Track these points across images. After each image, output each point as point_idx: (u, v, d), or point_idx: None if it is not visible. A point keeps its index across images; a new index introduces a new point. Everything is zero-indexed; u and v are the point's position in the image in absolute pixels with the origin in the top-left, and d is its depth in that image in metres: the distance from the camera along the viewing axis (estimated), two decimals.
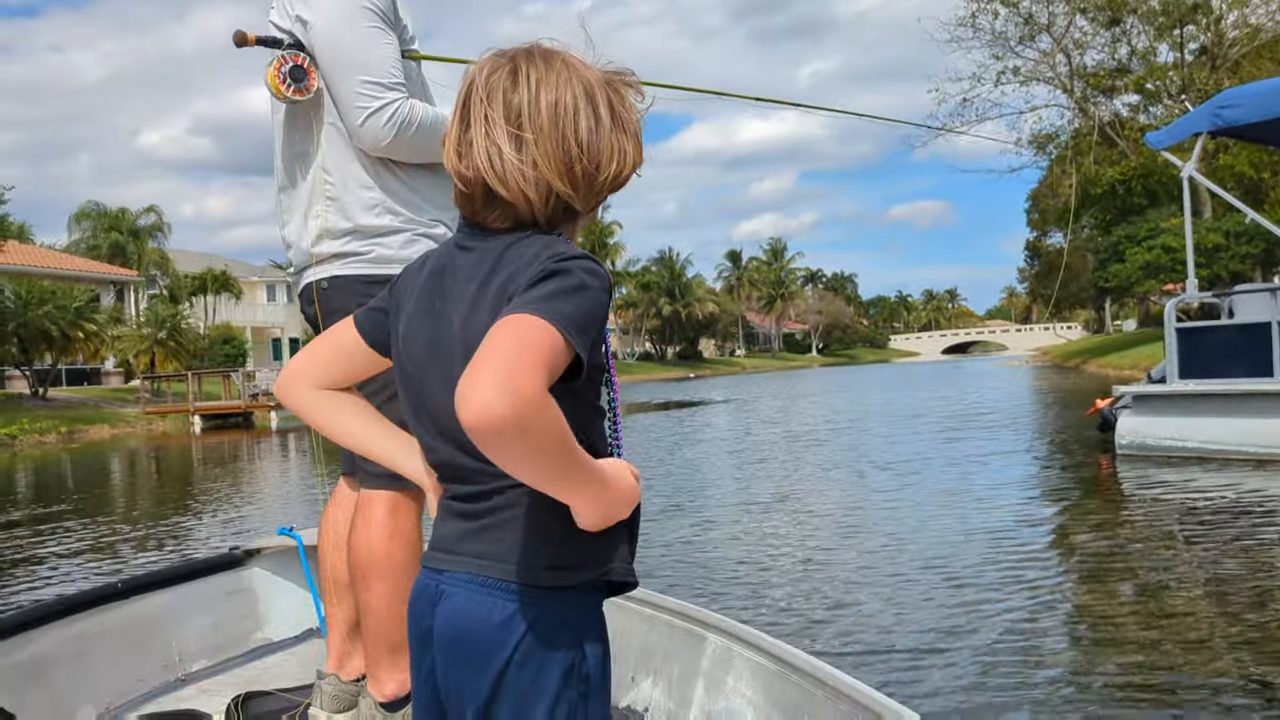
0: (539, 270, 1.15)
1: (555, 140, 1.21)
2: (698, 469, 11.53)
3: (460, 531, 1.26)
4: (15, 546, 8.57)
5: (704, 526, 7.39)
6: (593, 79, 1.26)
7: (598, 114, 1.24)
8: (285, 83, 2.38)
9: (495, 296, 1.20)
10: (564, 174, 1.22)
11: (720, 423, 20.59)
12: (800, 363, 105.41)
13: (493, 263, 1.23)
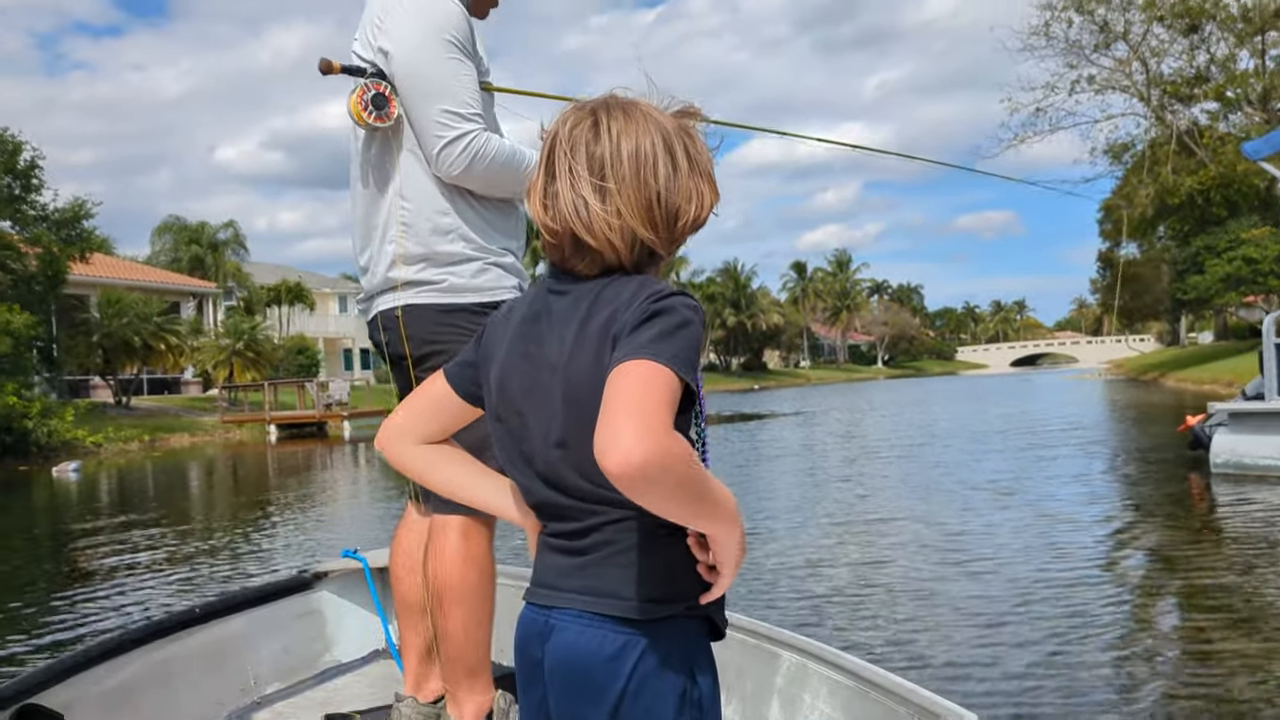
0: (642, 311, 1.20)
1: (637, 188, 1.26)
2: (776, 487, 11.45)
3: (564, 567, 1.30)
4: (98, 556, 8.82)
5: (794, 551, 7.24)
6: (669, 126, 1.31)
7: (675, 160, 1.29)
8: (367, 109, 2.44)
9: (597, 337, 1.24)
10: (646, 220, 1.27)
11: (792, 437, 20.45)
12: (866, 374, 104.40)
13: (589, 304, 1.27)
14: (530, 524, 1.37)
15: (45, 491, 16.90)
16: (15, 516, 14.00)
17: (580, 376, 1.24)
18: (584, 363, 1.24)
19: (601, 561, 1.27)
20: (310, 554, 8.47)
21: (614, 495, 1.17)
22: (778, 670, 2.55)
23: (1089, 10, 38.21)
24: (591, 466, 1.16)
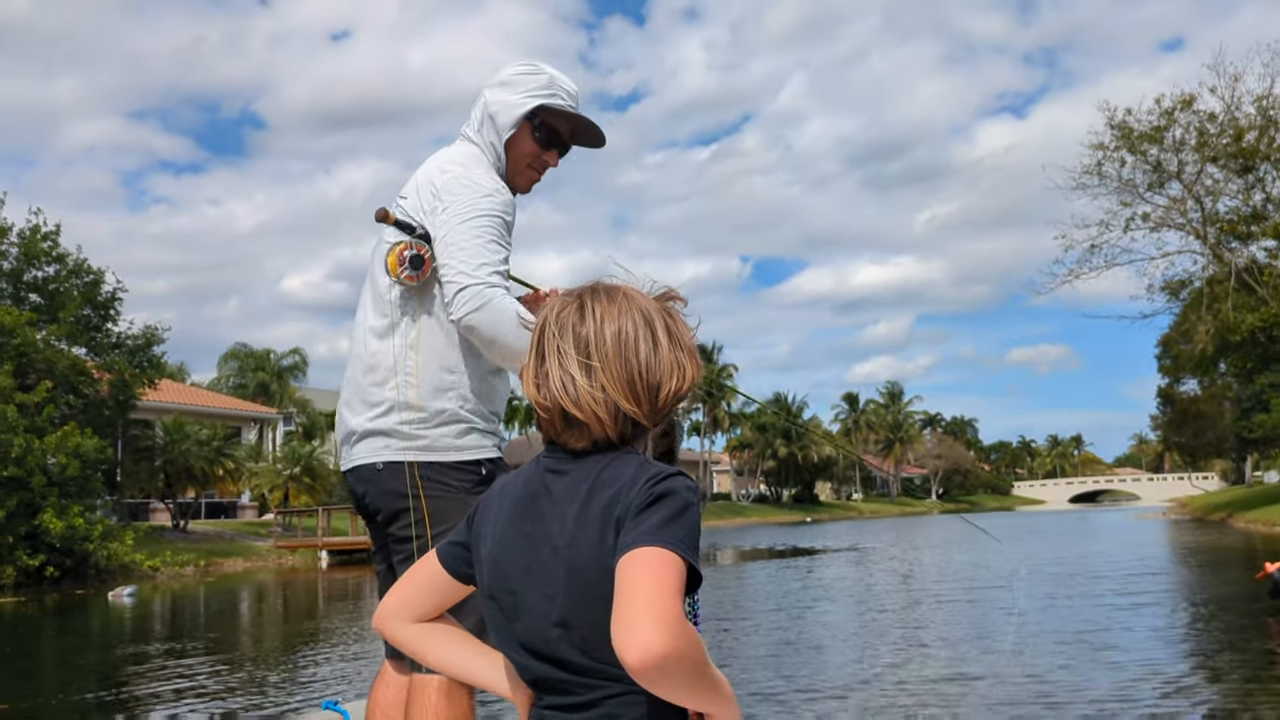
0: (646, 495, 1.26)
1: (619, 365, 1.34)
2: (831, 635, 11.19)
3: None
4: (136, 687, 8.80)
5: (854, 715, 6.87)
6: (650, 307, 1.39)
7: (655, 338, 1.36)
8: (403, 265, 2.59)
9: (600, 518, 1.29)
10: (628, 394, 1.33)
11: (851, 575, 20.02)
12: (920, 508, 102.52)
13: (590, 485, 1.33)
14: (522, 699, 1.40)
15: (100, 616, 16.98)
16: (69, 641, 14.05)
17: (583, 558, 1.29)
18: (587, 544, 1.29)
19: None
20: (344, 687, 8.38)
21: (618, 671, 1.21)
22: None
23: (1141, 151, 38.59)
24: (596, 644, 1.26)
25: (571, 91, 2.82)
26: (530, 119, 2.76)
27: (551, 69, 2.83)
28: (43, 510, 22.81)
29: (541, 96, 2.76)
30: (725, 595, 16.14)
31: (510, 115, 2.74)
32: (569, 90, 2.81)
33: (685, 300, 1.46)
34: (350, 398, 2.75)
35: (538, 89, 2.76)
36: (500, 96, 2.77)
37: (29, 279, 29.90)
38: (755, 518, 74.12)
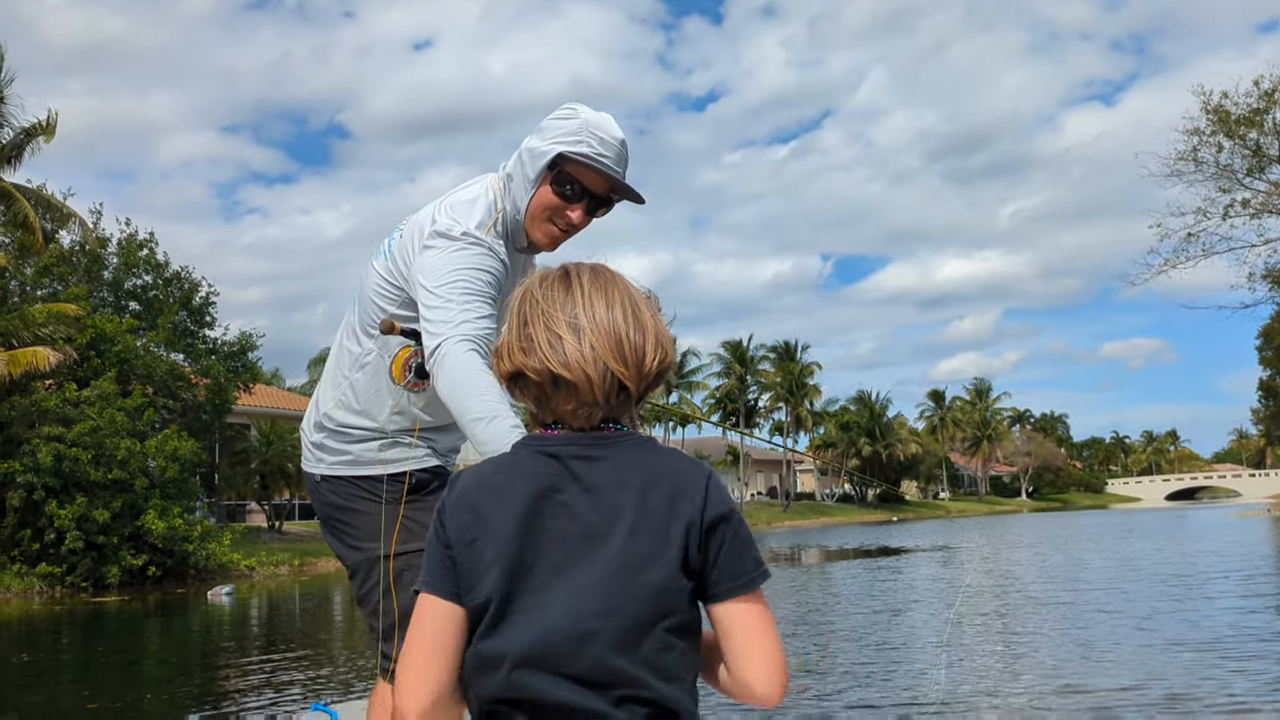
0: (721, 514, 1.33)
1: (608, 326, 1.35)
2: (918, 637, 11.02)
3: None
4: (228, 682, 9.01)
5: None
6: (631, 287, 1.42)
7: (640, 309, 1.39)
8: (407, 371, 2.64)
9: (665, 513, 1.32)
10: (616, 355, 1.33)
11: (944, 577, 19.72)
12: (1009, 507, 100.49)
13: (642, 475, 1.35)
14: None
15: (200, 614, 17.47)
16: (168, 640, 14.49)
17: (644, 550, 1.30)
18: (651, 537, 1.31)
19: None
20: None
21: (640, 674, 1.28)
22: None
23: (1239, 135, 37.28)
24: (636, 637, 1.28)
25: (609, 140, 2.51)
26: (551, 168, 2.52)
27: (590, 113, 2.54)
28: (145, 512, 23.59)
29: (566, 144, 2.49)
30: (813, 598, 16.00)
31: (535, 165, 2.53)
32: (604, 138, 2.50)
33: (658, 303, 1.49)
34: (310, 406, 2.91)
35: (563, 135, 2.51)
36: (532, 143, 2.57)
37: (129, 287, 31.00)
38: (840, 517, 73.42)
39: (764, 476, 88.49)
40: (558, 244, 2.66)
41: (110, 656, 12.29)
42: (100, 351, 26.24)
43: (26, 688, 10.22)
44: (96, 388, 24.37)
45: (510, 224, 2.61)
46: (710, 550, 1.32)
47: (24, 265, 27.25)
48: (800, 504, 79.14)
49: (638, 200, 2.65)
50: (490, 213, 2.57)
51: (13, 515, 22.89)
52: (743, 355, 77.30)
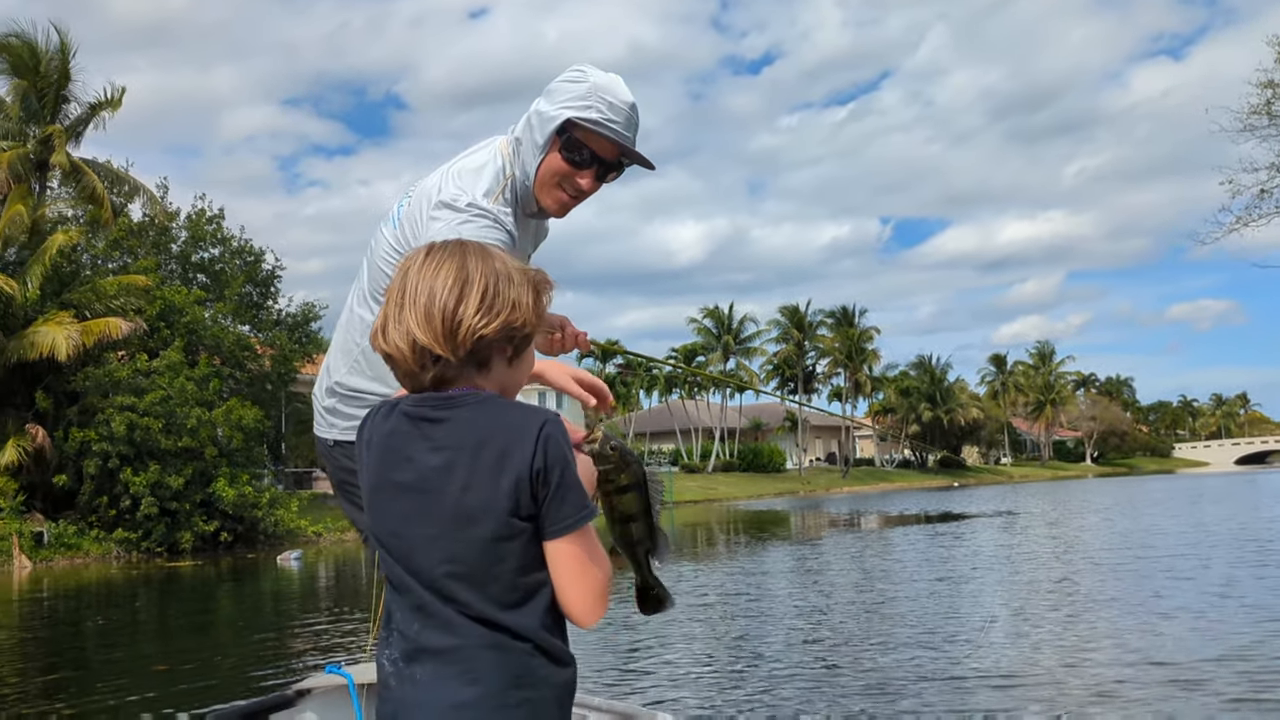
0: (545, 463, 1.44)
1: (426, 298, 1.47)
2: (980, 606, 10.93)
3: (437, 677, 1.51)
4: (293, 646, 9.22)
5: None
6: (486, 269, 1.51)
7: (467, 281, 1.48)
8: None
9: (494, 468, 1.45)
10: (426, 325, 1.46)
11: (1008, 542, 19.52)
12: (1073, 472, 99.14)
13: (476, 435, 1.47)
14: None
15: (270, 578, 17.90)
16: (243, 602, 14.88)
17: (476, 502, 1.45)
18: (481, 490, 1.45)
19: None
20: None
21: (494, 613, 1.44)
22: None
23: None
24: (481, 581, 1.45)
25: (618, 104, 2.48)
26: (560, 133, 2.49)
27: (600, 76, 2.50)
28: (215, 479, 24.18)
29: (574, 109, 2.46)
30: (873, 564, 15.97)
31: (543, 130, 2.50)
32: (613, 103, 2.47)
33: (553, 284, 1.62)
34: (321, 373, 2.89)
35: (571, 100, 2.47)
36: (541, 107, 2.53)
37: (196, 260, 31.60)
38: (900, 483, 72.96)
39: (823, 442, 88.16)
40: (567, 210, 2.63)
41: (183, 619, 12.66)
42: (170, 323, 26.82)
43: (108, 646, 10.59)
44: (165, 358, 24.95)
45: (520, 189, 2.57)
46: (539, 497, 1.44)
47: (95, 239, 27.86)
48: (859, 470, 78.76)
49: (648, 166, 2.60)
50: (498, 180, 2.52)
51: (90, 483, 23.59)
52: (800, 321, 76.82)
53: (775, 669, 7.31)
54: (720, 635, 8.97)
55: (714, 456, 68.99)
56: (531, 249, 2.84)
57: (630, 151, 2.53)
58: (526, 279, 1.55)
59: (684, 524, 31.76)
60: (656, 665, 7.63)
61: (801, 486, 65.47)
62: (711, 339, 72.14)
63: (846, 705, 6.12)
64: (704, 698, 6.49)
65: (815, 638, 8.62)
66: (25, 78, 30.34)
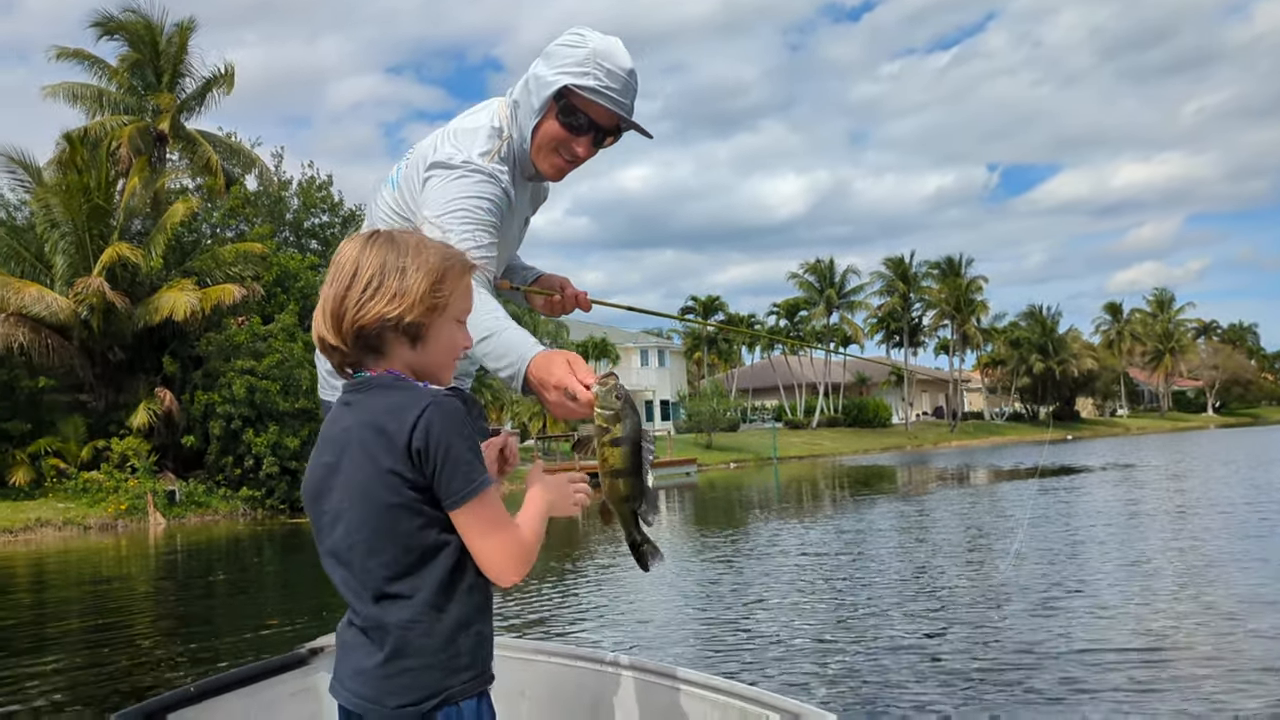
0: (439, 456, 1.53)
1: (325, 293, 1.62)
2: (1123, 579, 10.68)
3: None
4: None
5: None
6: (398, 263, 1.60)
7: (354, 282, 1.59)
8: None
9: (384, 448, 1.55)
10: (323, 317, 1.62)
11: (1128, 498, 19.02)
12: (1194, 423, 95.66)
13: (370, 417, 1.58)
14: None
15: None
16: None
17: (367, 480, 1.57)
18: (371, 468, 1.56)
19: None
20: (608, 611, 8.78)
21: (389, 586, 1.56)
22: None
23: None
24: (379, 549, 1.56)
25: (616, 71, 2.42)
26: (557, 99, 2.44)
27: (599, 41, 2.44)
28: None
29: (572, 74, 2.41)
30: (984, 522, 15.77)
31: (540, 94, 2.45)
32: (611, 70, 2.42)
33: (474, 268, 1.74)
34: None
35: (569, 65, 2.42)
36: (539, 70, 2.48)
37: (308, 226, 32.54)
38: (1011, 436, 71.46)
39: (929, 396, 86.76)
40: (563, 175, 2.60)
41: (300, 572, 13.18)
42: (285, 287, 27.72)
43: (236, 595, 11.12)
44: (279, 322, 25.82)
45: (517, 151, 2.54)
46: (426, 473, 1.54)
47: (212, 209, 28.86)
48: (968, 423, 77.35)
49: (645, 134, 2.57)
50: (494, 140, 2.49)
51: (215, 444, 24.66)
52: (905, 272, 75.38)
53: (883, 642, 6.74)
54: (822, 602, 8.62)
55: (818, 412, 68.52)
56: (530, 211, 2.82)
57: (627, 119, 2.48)
58: (425, 266, 1.62)
59: (788, 480, 31.72)
60: (759, 642, 7.02)
61: (908, 441, 64.67)
62: (814, 293, 71.38)
63: (973, 693, 5.36)
64: (806, 679, 5.83)
65: (925, 608, 7.86)
66: (143, 54, 31.45)
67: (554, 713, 3.08)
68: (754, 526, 15.93)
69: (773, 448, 50.12)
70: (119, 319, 24.74)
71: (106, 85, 31.87)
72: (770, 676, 5.90)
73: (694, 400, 58.43)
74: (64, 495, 23.62)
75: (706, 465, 42.47)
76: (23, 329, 23.78)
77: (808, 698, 5.04)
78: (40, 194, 25.92)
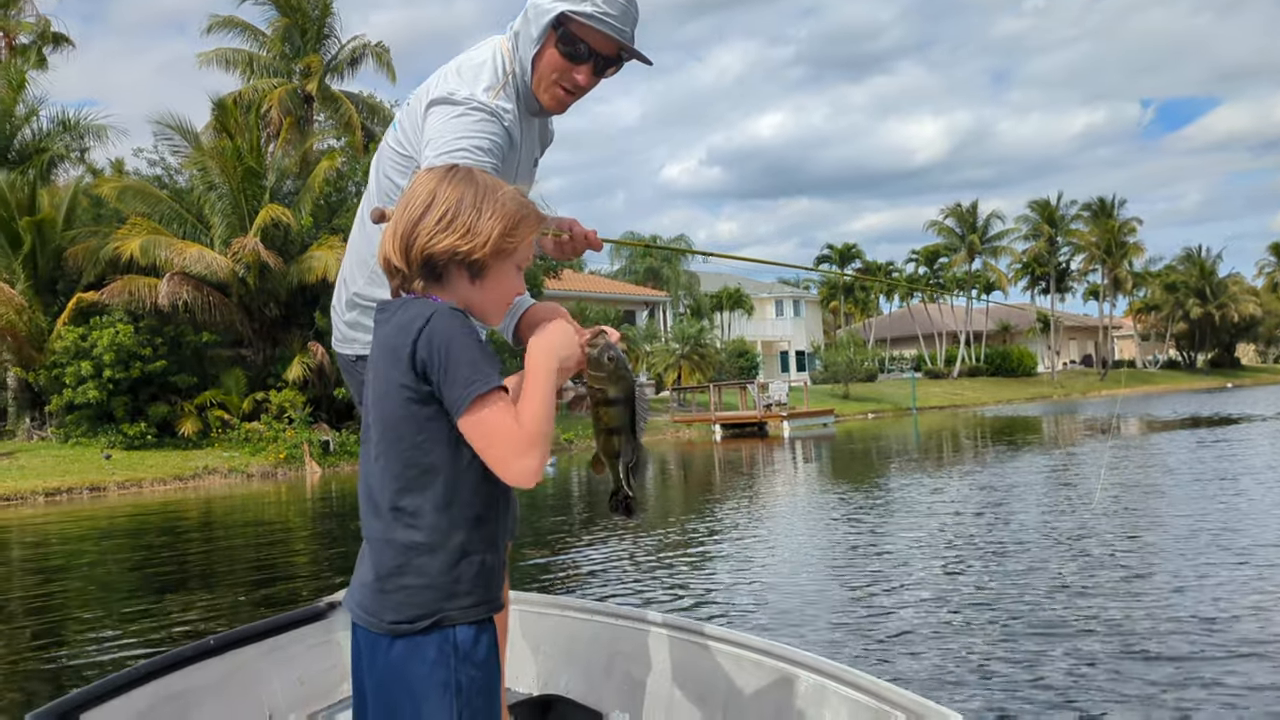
0: (439, 363, 1.59)
1: (398, 216, 1.72)
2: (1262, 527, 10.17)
3: None
4: (567, 549, 9.73)
5: None
6: (467, 199, 1.68)
7: (427, 215, 1.68)
8: None
9: (390, 356, 1.65)
10: (393, 239, 1.71)
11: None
12: None
13: (388, 330, 1.68)
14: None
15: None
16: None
17: (381, 387, 1.67)
18: (383, 377, 1.66)
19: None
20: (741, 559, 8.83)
21: (397, 498, 1.65)
22: (795, 691, 2.52)
23: None
24: (387, 459, 1.65)
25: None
26: (555, 27, 2.42)
27: None
28: None
29: (569, 2, 2.39)
30: (1132, 476, 15.22)
31: (538, 23, 2.43)
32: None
33: (543, 219, 1.83)
34: (338, 287, 2.79)
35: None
36: (537, 0, 2.45)
37: None
38: (1165, 385, 68.40)
39: (1077, 344, 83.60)
40: (565, 106, 2.56)
41: None
42: None
43: None
44: None
45: (521, 87, 2.50)
46: (433, 381, 1.60)
47: (356, 167, 29.80)
48: (1119, 371, 74.29)
49: (645, 62, 2.52)
50: (498, 76, 2.46)
51: None
52: (1052, 215, 72.34)
53: (1024, 629, 5.91)
54: (959, 575, 7.59)
55: (959, 361, 66.87)
56: (539, 151, 2.78)
57: (628, 47, 2.45)
58: (501, 211, 1.69)
59: (927, 430, 31.17)
60: (892, 627, 6.16)
61: (1055, 391, 62.58)
62: (955, 239, 69.33)
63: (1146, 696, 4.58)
64: (941, 674, 5.06)
65: (1074, 585, 6.85)
66: (290, 18, 32.50)
67: (589, 668, 3.09)
68: (888, 480, 15.75)
69: (911, 398, 49.24)
70: (273, 277, 25.87)
71: (258, 50, 33.11)
72: (890, 664, 5.25)
73: (830, 350, 57.78)
74: (228, 445, 25.02)
75: (844, 416, 42.05)
76: (187, 287, 25.12)
77: (935, 693, 4.38)
78: (198, 158, 27.20)
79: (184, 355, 25.93)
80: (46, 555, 12.41)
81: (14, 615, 8.21)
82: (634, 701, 2.91)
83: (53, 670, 6.17)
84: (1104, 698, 4.56)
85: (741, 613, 6.61)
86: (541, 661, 3.17)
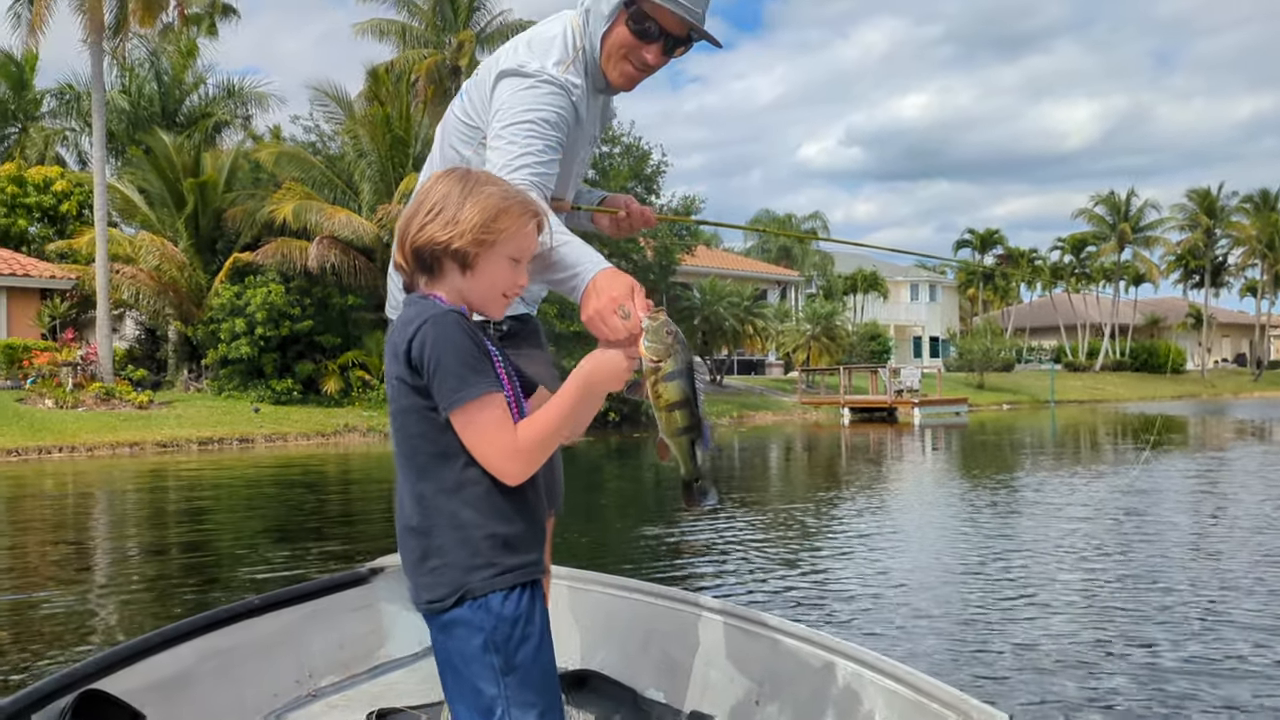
0: (430, 367, 1.68)
1: (406, 217, 1.80)
2: None
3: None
4: (683, 532, 9.81)
5: None
6: (441, 189, 1.78)
7: (418, 205, 1.78)
8: None
9: (390, 352, 1.75)
10: (396, 235, 1.82)
11: None
12: None
13: (397, 325, 1.76)
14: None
15: (649, 457, 19.07)
16: (624, 479, 16.05)
17: (391, 378, 1.75)
18: (391, 369, 1.75)
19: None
20: (855, 540, 8.77)
21: (415, 483, 1.76)
22: (833, 679, 2.51)
23: None
24: (401, 447, 1.76)
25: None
26: (627, 5, 2.42)
27: None
28: None
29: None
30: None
31: (610, 1, 2.44)
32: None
33: (540, 213, 1.84)
34: (395, 255, 2.85)
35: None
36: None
37: None
38: None
39: (1230, 342, 79.45)
40: (634, 84, 2.56)
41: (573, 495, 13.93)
42: None
43: None
44: None
45: (590, 63, 2.51)
46: (425, 379, 1.69)
47: None
48: (1275, 372, 70.34)
49: (715, 44, 2.52)
50: (568, 51, 2.47)
51: None
52: (1212, 205, 68.65)
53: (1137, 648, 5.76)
54: (1096, 592, 7.16)
55: (1102, 354, 64.38)
56: (599, 129, 2.78)
57: (698, 28, 2.44)
58: (482, 203, 1.75)
59: (1065, 425, 30.19)
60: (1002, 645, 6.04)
61: (1204, 389, 59.71)
62: (1105, 227, 66.57)
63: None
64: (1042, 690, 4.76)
65: (1230, 611, 6.07)
66: None
67: (631, 646, 3.11)
68: (1019, 477, 15.35)
69: (1050, 390, 47.70)
70: None
71: (410, 21, 33.98)
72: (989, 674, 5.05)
73: (965, 338, 56.35)
74: (367, 404, 25.98)
75: (978, 406, 41.05)
76: (335, 250, 26.11)
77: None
78: (350, 125, 28.17)
79: (330, 316, 26.99)
80: (199, 498, 13.20)
81: (168, 547, 8.81)
82: (669, 680, 2.94)
83: (196, 597, 6.59)
84: None
85: (828, 616, 6.03)
86: (580, 636, 3.23)
